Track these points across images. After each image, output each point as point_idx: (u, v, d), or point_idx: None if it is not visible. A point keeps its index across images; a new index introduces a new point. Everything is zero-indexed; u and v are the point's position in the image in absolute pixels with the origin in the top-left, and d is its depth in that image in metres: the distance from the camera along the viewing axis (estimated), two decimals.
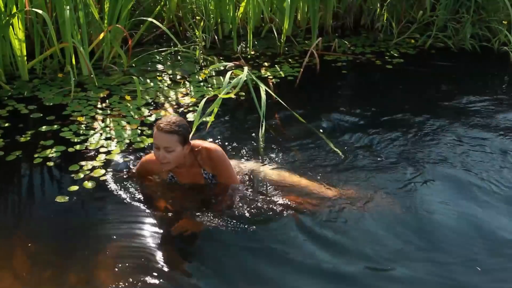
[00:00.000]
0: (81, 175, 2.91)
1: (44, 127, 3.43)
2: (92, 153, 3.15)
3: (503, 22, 5.41)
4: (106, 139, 3.32)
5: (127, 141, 3.31)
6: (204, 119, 3.43)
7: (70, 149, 3.18)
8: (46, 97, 3.82)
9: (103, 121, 3.56)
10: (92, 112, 3.66)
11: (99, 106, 3.77)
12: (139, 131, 3.44)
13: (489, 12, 5.44)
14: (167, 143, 2.45)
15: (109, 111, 3.70)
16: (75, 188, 2.79)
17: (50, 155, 3.10)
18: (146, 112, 3.73)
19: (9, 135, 3.31)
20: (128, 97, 3.92)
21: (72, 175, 2.91)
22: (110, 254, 2.35)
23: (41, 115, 3.60)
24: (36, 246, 2.38)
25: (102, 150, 3.19)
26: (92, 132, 3.40)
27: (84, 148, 3.21)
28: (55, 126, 3.45)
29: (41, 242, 2.40)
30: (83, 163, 3.03)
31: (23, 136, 3.30)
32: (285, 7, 4.64)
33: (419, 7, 5.64)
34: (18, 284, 2.18)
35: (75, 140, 3.28)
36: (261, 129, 3.39)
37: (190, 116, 3.68)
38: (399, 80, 4.68)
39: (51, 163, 3.03)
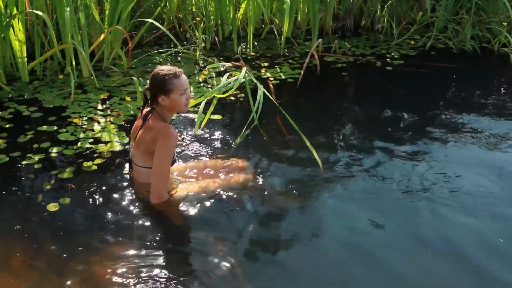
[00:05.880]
0: (79, 176, 2.91)
1: (44, 127, 3.43)
2: (91, 154, 3.15)
3: (503, 23, 5.42)
4: (106, 140, 3.32)
5: (126, 141, 3.31)
6: (201, 119, 3.44)
7: (69, 151, 3.18)
8: (46, 99, 3.82)
9: (102, 122, 3.56)
10: (91, 114, 3.66)
11: (99, 107, 3.77)
12: None
13: (489, 14, 5.45)
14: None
15: (109, 112, 3.71)
16: (72, 189, 2.79)
17: (50, 156, 3.11)
18: None
19: (12, 137, 3.31)
20: (128, 98, 3.93)
21: (70, 176, 2.91)
22: (109, 256, 2.35)
23: (42, 116, 3.60)
24: (34, 248, 2.37)
25: (101, 151, 3.19)
26: (91, 133, 3.39)
27: (83, 149, 3.20)
28: (54, 127, 3.45)
29: (39, 244, 2.40)
30: (80, 163, 3.03)
31: (22, 137, 3.31)
32: (285, 9, 4.65)
33: (419, 9, 5.65)
34: (16, 286, 2.17)
35: (74, 142, 3.28)
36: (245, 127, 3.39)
37: (190, 117, 3.69)
38: (399, 81, 4.69)
39: (49, 164, 3.03)
